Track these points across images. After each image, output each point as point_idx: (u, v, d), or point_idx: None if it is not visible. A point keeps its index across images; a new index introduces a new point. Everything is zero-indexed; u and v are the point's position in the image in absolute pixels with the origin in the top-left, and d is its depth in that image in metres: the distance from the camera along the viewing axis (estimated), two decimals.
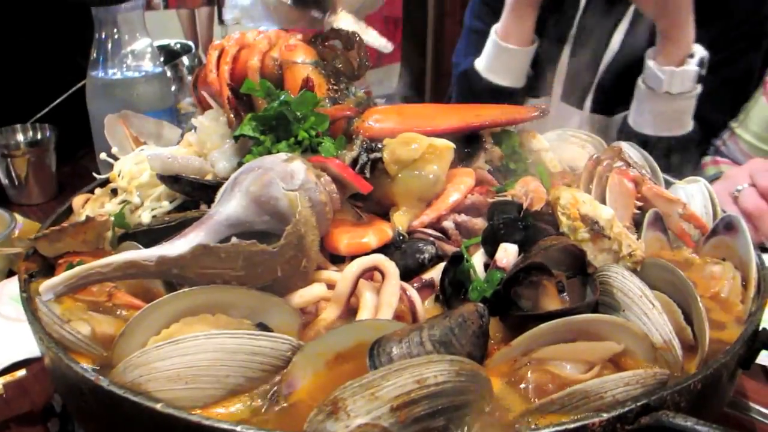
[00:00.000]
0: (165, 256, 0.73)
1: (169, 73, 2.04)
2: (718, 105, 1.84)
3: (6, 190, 1.81)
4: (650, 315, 0.76)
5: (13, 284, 1.32)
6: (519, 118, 1.06)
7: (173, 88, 2.11)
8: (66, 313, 0.83)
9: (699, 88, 1.71)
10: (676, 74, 1.67)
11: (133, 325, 0.73)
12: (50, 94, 1.98)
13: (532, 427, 0.64)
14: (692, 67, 1.65)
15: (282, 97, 0.90)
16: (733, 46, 1.82)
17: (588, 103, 2.01)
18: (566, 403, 0.67)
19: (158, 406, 0.64)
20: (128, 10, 1.74)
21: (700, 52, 1.66)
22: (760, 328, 0.82)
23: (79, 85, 1.93)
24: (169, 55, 2.30)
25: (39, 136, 1.85)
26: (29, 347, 1.13)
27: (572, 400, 0.66)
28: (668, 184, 1.17)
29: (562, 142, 1.30)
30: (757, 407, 0.99)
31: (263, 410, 0.69)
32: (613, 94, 1.96)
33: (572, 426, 0.62)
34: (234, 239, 0.76)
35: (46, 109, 1.95)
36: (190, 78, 2.20)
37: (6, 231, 1.33)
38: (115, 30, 1.74)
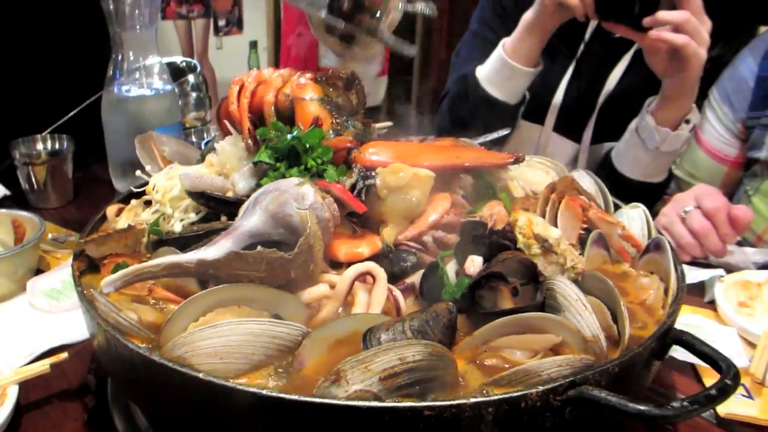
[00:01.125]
0: (203, 260, 0.91)
1: (176, 90, 2.18)
2: None
3: (26, 195, 1.95)
4: (583, 315, 0.90)
5: (42, 280, 1.46)
6: (493, 163, 1.18)
7: (180, 103, 2.24)
8: (115, 304, 0.98)
9: (684, 148, 1.80)
10: (670, 136, 1.72)
11: (177, 313, 0.88)
12: (65, 105, 2.10)
13: (485, 393, 0.80)
14: (686, 132, 1.72)
15: (294, 133, 1.07)
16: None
17: (587, 138, 2.04)
18: (513, 379, 0.82)
19: (201, 375, 0.78)
20: (142, 31, 1.87)
21: (695, 117, 1.72)
22: (673, 328, 0.95)
23: (94, 98, 2.07)
24: (175, 72, 2.42)
25: (57, 146, 1.99)
26: (62, 335, 1.29)
27: (517, 377, 0.82)
28: (616, 207, 1.32)
29: (528, 167, 1.44)
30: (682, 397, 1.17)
31: (280, 381, 0.85)
32: (601, 130, 2.00)
33: (516, 395, 0.76)
34: (259, 247, 0.92)
35: (63, 120, 2.07)
36: (194, 95, 2.35)
37: (39, 233, 1.48)
38: (131, 51, 1.89)
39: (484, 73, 1.93)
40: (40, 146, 1.99)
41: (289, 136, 1.08)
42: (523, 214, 1.03)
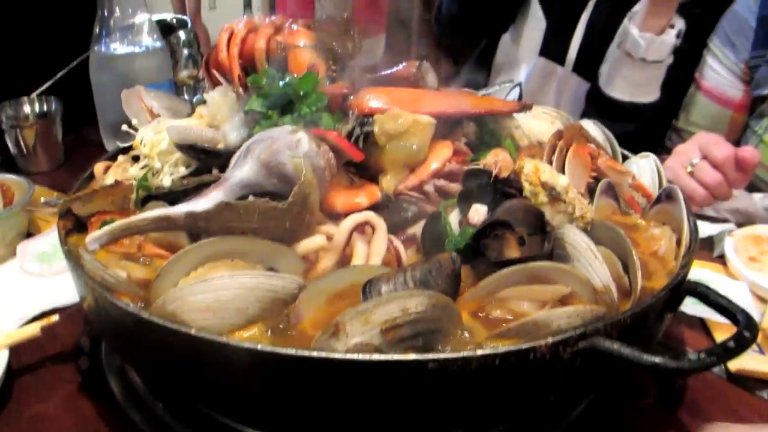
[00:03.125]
0: (193, 212, 0.86)
1: (166, 47, 2.12)
2: (682, 76, 1.89)
3: (15, 159, 1.90)
4: (593, 264, 0.87)
5: (33, 244, 1.43)
6: (498, 110, 1.14)
7: (171, 61, 2.19)
8: (103, 262, 0.93)
9: (671, 59, 1.76)
10: (656, 42, 1.70)
11: (167, 269, 0.84)
12: (53, 66, 2.05)
13: (493, 346, 0.76)
14: (671, 37, 1.70)
15: (287, 80, 1.02)
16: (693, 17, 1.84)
17: (571, 59, 2.04)
18: (521, 331, 0.78)
19: (191, 331, 0.74)
20: None
21: (679, 23, 1.70)
22: (686, 280, 0.92)
23: (81, 57, 2.01)
24: (166, 29, 2.35)
25: (46, 108, 1.94)
26: (53, 299, 1.26)
27: (525, 328, 0.78)
28: (624, 158, 1.28)
29: (533, 117, 1.41)
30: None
31: (275, 336, 0.81)
32: (591, 58, 1.97)
33: (525, 347, 0.72)
34: (251, 197, 0.88)
35: (50, 82, 2.02)
36: (186, 51, 2.28)
37: (27, 195, 1.45)
38: (117, 6, 1.83)
39: None
40: (27, 109, 1.94)
41: (281, 83, 1.02)
42: (530, 161, 0.99)
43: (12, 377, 1.08)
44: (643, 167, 1.22)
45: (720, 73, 1.88)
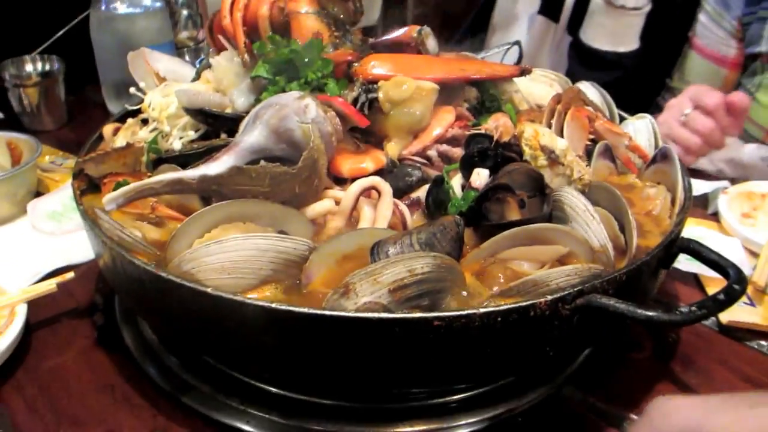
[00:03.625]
0: (206, 175, 0.89)
1: (166, 8, 2.11)
2: (662, 30, 1.92)
3: (20, 118, 1.92)
4: (591, 225, 0.90)
5: (43, 202, 1.45)
6: (499, 74, 1.16)
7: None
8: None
9: (649, 6, 1.79)
10: None
11: (181, 230, 0.87)
12: (54, 25, 2.05)
13: (495, 304, 0.80)
14: None
15: (292, 46, 1.04)
16: None
17: (566, 17, 2.04)
18: (521, 289, 0.82)
19: (209, 290, 0.78)
20: None
21: None
22: (679, 237, 0.96)
23: (81, 16, 2.01)
24: None
25: (48, 67, 1.94)
26: (66, 256, 1.29)
27: (526, 287, 0.82)
28: (621, 119, 1.30)
29: (532, 81, 1.42)
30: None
31: (289, 295, 0.84)
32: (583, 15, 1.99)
33: (525, 304, 0.76)
34: (262, 162, 0.91)
35: (51, 40, 2.02)
36: (185, 12, 2.27)
37: (36, 155, 1.47)
38: None
39: None
40: (29, 67, 1.94)
41: (286, 50, 1.04)
42: (530, 126, 1.02)
43: (30, 331, 1.11)
44: (640, 128, 1.24)
45: (713, 31, 1.88)
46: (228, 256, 0.83)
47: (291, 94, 0.99)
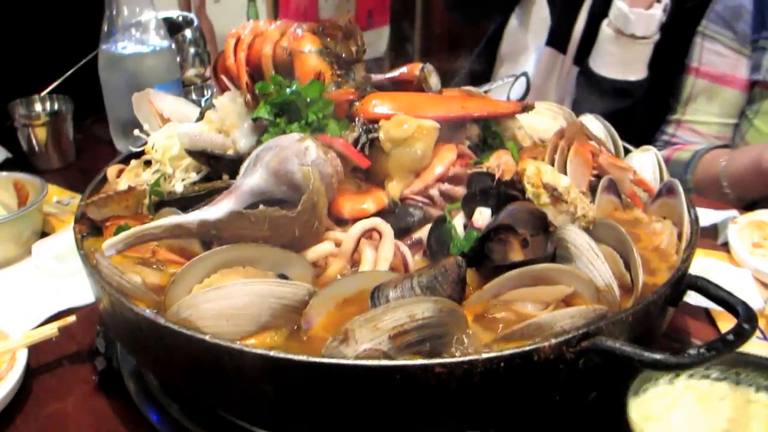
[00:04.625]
0: (205, 220, 0.89)
1: (173, 46, 2.14)
2: (669, 58, 1.93)
3: (28, 157, 1.93)
4: (595, 264, 0.89)
5: (48, 243, 1.46)
6: (501, 112, 1.15)
7: (178, 60, 2.20)
8: (119, 267, 0.96)
9: (658, 36, 1.80)
10: (643, 16, 1.75)
11: (180, 275, 0.87)
12: (63, 65, 2.07)
13: (497, 348, 0.79)
14: (658, 11, 1.75)
15: (293, 87, 1.04)
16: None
17: (573, 48, 2.07)
18: (525, 333, 0.80)
19: (207, 338, 0.77)
20: None
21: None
22: (687, 274, 0.94)
23: (90, 56, 2.03)
24: (172, 27, 2.37)
25: (57, 107, 1.96)
26: (70, 298, 1.29)
27: (529, 330, 0.80)
28: (626, 152, 1.29)
29: (536, 114, 1.42)
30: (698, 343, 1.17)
31: (288, 342, 0.83)
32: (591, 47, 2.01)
33: (528, 348, 0.75)
34: (261, 206, 0.90)
35: (60, 80, 2.05)
36: (192, 50, 2.30)
37: (41, 196, 1.47)
38: (124, 5, 1.84)
39: None
40: (39, 107, 1.97)
41: (288, 91, 1.04)
42: (532, 163, 1.01)
43: (30, 376, 1.10)
44: (644, 161, 1.23)
45: (724, 54, 1.88)
46: (226, 303, 0.82)
47: (291, 135, 0.99)
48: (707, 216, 1.54)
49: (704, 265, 1.37)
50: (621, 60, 1.86)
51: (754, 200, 1.76)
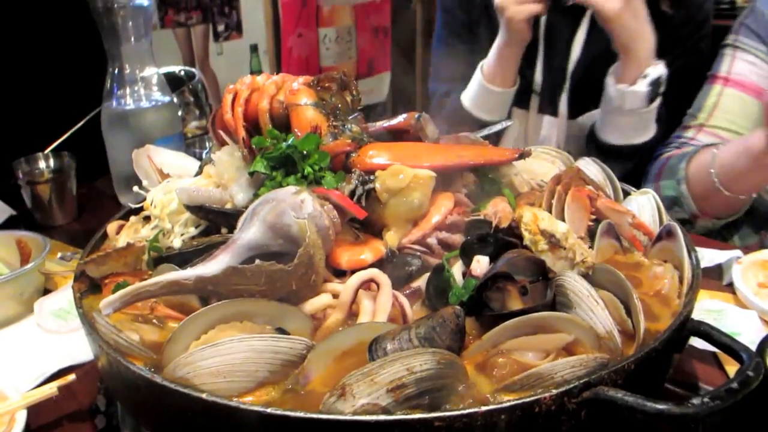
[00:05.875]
0: (201, 276, 0.89)
1: (175, 100, 2.17)
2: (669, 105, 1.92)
3: (32, 214, 1.95)
4: (595, 311, 0.88)
5: (50, 300, 1.46)
6: (497, 160, 1.16)
7: (180, 113, 2.24)
8: (117, 324, 0.94)
9: (655, 103, 1.79)
10: (627, 94, 1.75)
11: (178, 332, 0.87)
12: (66, 122, 2.12)
13: (497, 400, 0.78)
14: (642, 88, 1.75)
15: (290, 141, 1.05)
16: (674, 51, 1.90)
17: (563, 109, 2.07)
18: (525, 383, 0.79)
19: (204, 396, 0.77)
20: (137, 43, 1.87)
21: (653, 73, 1.74)
22: (689, 319, 0.93)
23: (93, 113, 2.07)
24: (174, 82, 2.41)
25: (60, 164, 1.99)
26: (71, 355, 1.28)
27: (529, 381, 0.79)
28: (626, 194, 1.29)
29: (534, 158, 1.43)
30: (707, 387, 1.13)
31: (287, 397, 0.82)
32: (581, 100, 2.03)
33: (529, 400, 0.74)
34: (257, 261, 0.90)
35: (64, 137, 2.08)
36: (194, 103, 2.33)
37: (43, 254, 1.48)
38: (127, 63, 1.89)
39: (468, 101, 2.03)
40: (42, 164, 2.00)
41: (284, 144, 1.05)
42: (528, 210, 1.01)
43: None
44: (643, 204, 1.22)
45: (756, 64, 1.86)
46: (223, 360, 0.81)
47: (287, 189, 0.99)
48: (711, 256, 1.53)
49: (710, 306, 1.36)
50: (625, 129, 1.86)
51: (729, 216, 1.73)
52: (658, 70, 1.75)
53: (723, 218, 1.74)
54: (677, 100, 1.95)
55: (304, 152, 1.05)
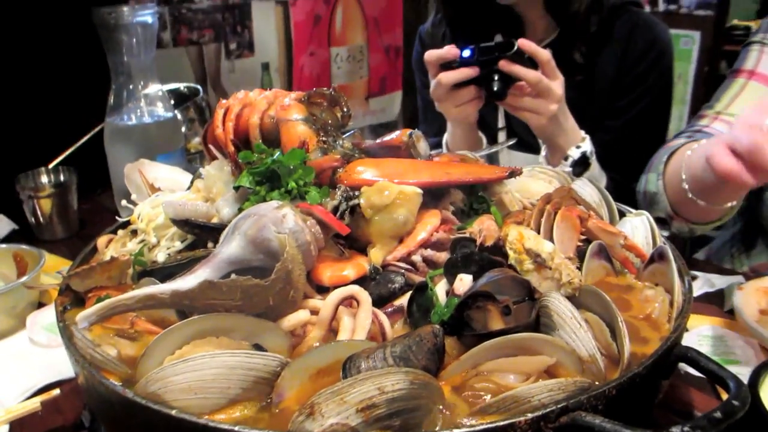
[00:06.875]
0: (177, 290, 0.88)
1: (179, 116, 2.18)
2: (631, 147, 1.93)
3: (32, 228, 1.96)
4: (578, 333, 0.85)
5: (43, 314, 1.45)
6: (486, 178, 1.15)
7: (183, 129, 2.26)
8: (96, 339, 0.95)
9: (588, 173, 1.78)
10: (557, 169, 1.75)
11: (152, 347, 0.85)
12: (69, 137, 2.13)
13: (472, 423, 0.76)
14: (566, 168, 1.76)
15: (275, 156, 1.05)
16: (636, 89, 1.93)
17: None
18: (501, 406, 0.77)
19: (173, 413, 0.75)
20: (141, 59, 1.89)
21: (575, 154, 1.77)
22: (678, 344, 0.90)
23: (96, 129, 2.08)
24: (179, 98, 2.44)
25: (62, 179, 2.00)
26: (60, 370, 1.27)
27: (506, 404, 0.77)
28: (621, 214, 1.27)
29: (531, 177, 1.42)
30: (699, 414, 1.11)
31: (260, 414, 0.81)
32: None
33: (502, 424, 0.72)
34: (233, 275, 0.89)
35: (67, 153, 2.09)
36: (198, 119, 2.34)
37: (38, 267, 1.48)
38: (130, 79, 1.90)
39: (450, 143, 1.98)
40: (44, 179, 2.01)
41: (270, 159, 1.05)
42: (514, 228, 0.99)
43: None
44: (637, 226, 1.20)
45: None
46: (195, 375, 0.80)
47: (270, 204, 0.98)
48: (714, 281, 1.50)
49: (710, 333, 1.33)
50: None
51: (708, 224, 1.66)
52: (583, 147, 1.77)
53: (700, 224, 1.68)
54: (647, 138, 1.96)
55: (290, 167, 1.04)
